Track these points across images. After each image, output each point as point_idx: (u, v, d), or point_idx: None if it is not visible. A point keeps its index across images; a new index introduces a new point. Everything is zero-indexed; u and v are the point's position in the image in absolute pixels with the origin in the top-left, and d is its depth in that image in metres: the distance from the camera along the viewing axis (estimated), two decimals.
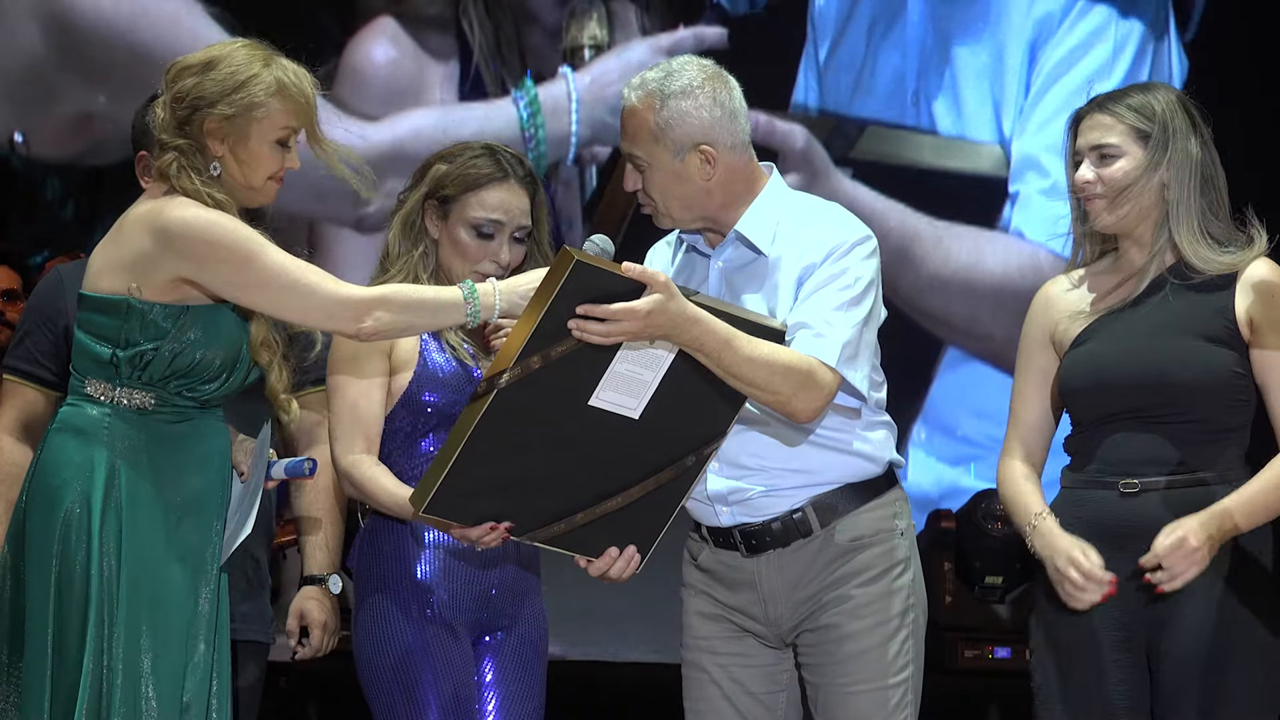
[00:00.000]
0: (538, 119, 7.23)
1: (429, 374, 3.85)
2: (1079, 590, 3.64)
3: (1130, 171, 3.75)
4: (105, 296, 3.48)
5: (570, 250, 3.31)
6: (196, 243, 3.43)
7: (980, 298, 7.33)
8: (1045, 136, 7.37)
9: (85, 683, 3.38)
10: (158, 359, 3.47)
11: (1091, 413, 3.76)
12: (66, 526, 3.43)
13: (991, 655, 6.31)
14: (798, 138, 7.25)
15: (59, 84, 7.01)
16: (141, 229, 3.47)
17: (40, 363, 4.12)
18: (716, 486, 3.71)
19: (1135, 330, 3.74)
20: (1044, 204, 7.39)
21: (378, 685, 3.81)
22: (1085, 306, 3.81)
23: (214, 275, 3.45)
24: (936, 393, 7.34)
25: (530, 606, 3.93)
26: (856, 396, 3.65)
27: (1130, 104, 3.77)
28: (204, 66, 3.50)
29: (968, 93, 7.41)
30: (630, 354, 3.41)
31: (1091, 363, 3.75)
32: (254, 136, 3.50)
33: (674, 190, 3.66)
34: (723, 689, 3.77)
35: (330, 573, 4.10)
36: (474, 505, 3.43)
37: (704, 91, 3.65)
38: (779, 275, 3.67)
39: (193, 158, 3.49)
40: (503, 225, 3.88)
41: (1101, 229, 3.81)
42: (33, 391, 4.13)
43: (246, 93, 3.48)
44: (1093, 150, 3.78)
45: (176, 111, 3.50)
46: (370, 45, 7.21)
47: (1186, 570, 3.58)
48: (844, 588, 3.69)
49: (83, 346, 3.52)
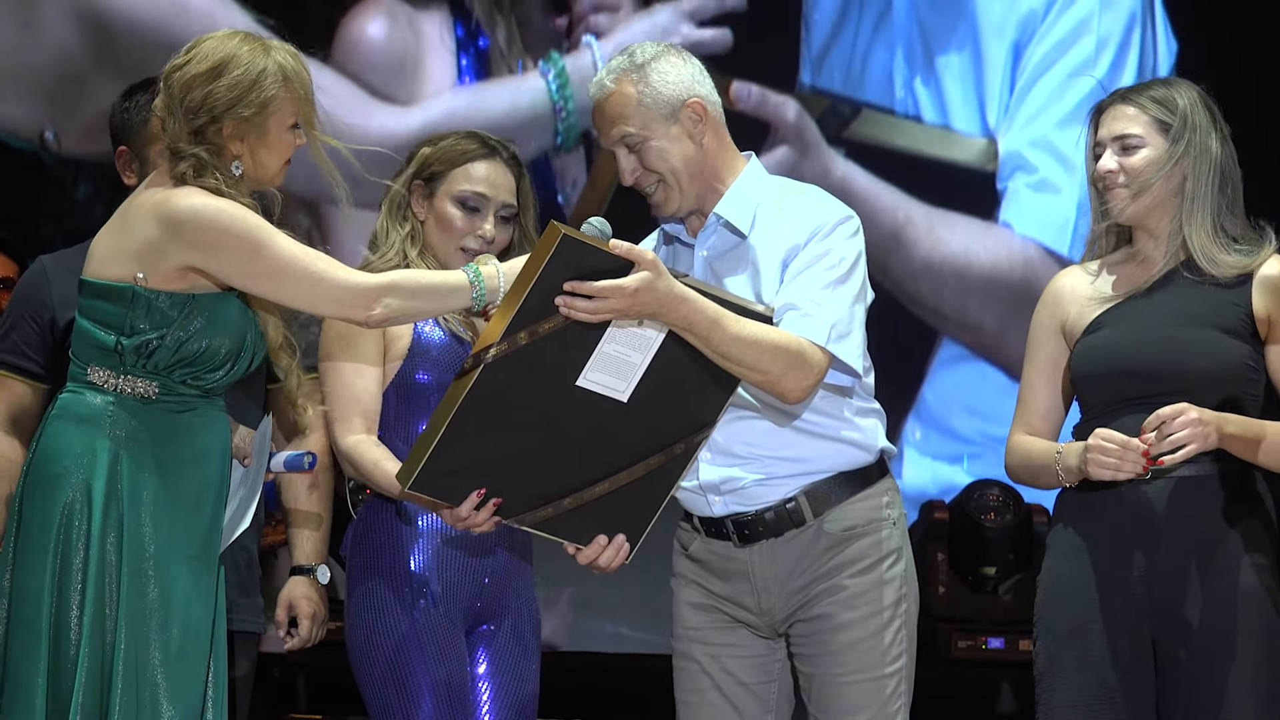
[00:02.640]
0: (566, 90, 7.24)
1: (423, 354, 3.85)
2: (1118, 460, 3.62)
3: (1153, 161, 3.77)
4: (110, 284, 3.47)
5: (557, 225, 3.31)
6: (206, 230, 3.42)
7: (970, 287, 7.34)
8: (1032, 131, 7.39)
9: (81, 677, 3.36)
10: (163, 348, 3.46)
11: (1103, 398, 3.77)
12: (67, 516, 3.42)
13: (985, 646, 6.31)
14: (790, 109, 7.23)
15: (93, 81, 6.99)
16: (148, 217, 3.47)
17: (28, 355, 4.10)
18: (709, 476, 3.70)
19: (1150, 318, 3.75)
20: (1032, 198, 7.40)
21: (371, 675, 3.80)
22: (1098, 295, 3.83)
23: (223, 263, 3.45)
24: (932, 392, 7.34)
25: (523, 596, 3.93)
26: (849, 373, 3.65)
27: (1154, 96, 3.81)
28: (211, 74, 3.49)
29: (953, 92, 7.41)
30: (619, 334, 3.40)
31: (1105, 349, 3.77)
32: (272, 130, 3.52)
33: (676, 154, 3.68)
34: (714, 679, 3.76)
35: (318, 563, 4.10)
36: (461, 484, 3.42)
37: (670, 53, 3.72)
38: (762, 259, 3.68)
39: (214, 161, 3.49)
40: (488, 200, 3.90)
41: (1121, 219, 3.82)
42: (20, 384, 4.11)
43: (260, 90, 3.49)
44: (1115, 140, 3.80)
45: (192, 122, 3.50)
46: (366, 21, 7.21)
47: (1189, 438, 3.58)
48: (837, 578, 3.69)
49: (85, 333, 3.51)
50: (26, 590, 3.42)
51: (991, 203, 7.40)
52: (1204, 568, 3.68)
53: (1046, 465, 3.78)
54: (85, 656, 3.37)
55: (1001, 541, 6.32)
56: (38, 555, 3.42)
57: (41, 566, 3.41)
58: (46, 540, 3.41)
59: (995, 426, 6.92)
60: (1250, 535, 3.71)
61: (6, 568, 3.46)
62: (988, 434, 7.10)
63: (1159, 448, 3.60)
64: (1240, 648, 3.66)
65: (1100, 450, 3.64)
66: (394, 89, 7.20)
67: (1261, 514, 3.75)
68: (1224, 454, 3.68)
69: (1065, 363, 3.86)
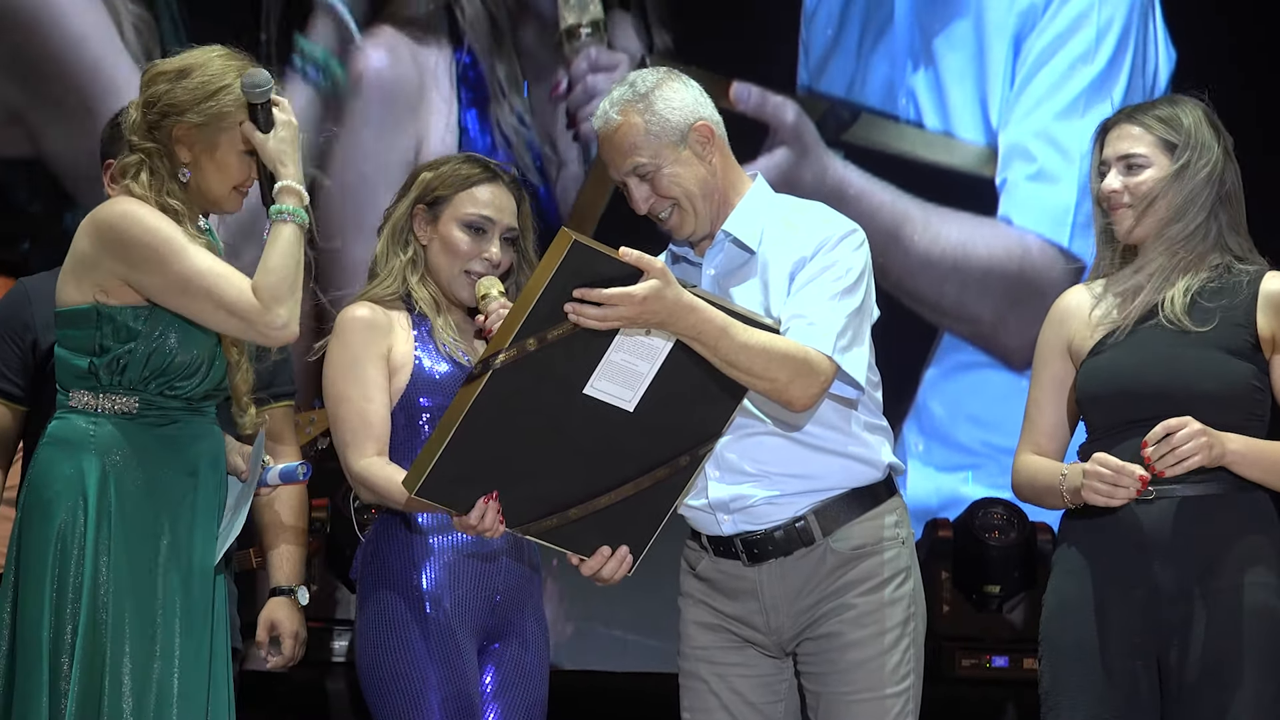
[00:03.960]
0: None
1: (424, 377, 3.84)
2: (1112, 486, 3.63)
3: (1157, 181, 3.78)
4: (74, 309, 3.48)
5: (568, 231, 3.30)
6: (121, 236, 3.43)
7: (969, 280, 7.34)
8: (1031, 123, 7.38)
9: (74, 691, 3.36)
10: (133, 361, 3.46)
11: (1109, 420, 3.77)
12: (62, 539, 3.42)
13: (989, 664, 6.32)
14: (788, 111, 7.23)
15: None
16: (83, 230, 3.49)
17: (6, 377, 4.10)
18: (718, 494, 3.70)
19: (1154, 339, 3.75)
20: (1030, 190, 7.39)
21: (381, 692, 3.79)
22: (1103, 316, 3.83)
23: (141, 276, 3.44)
24: (934, 402, 7.35)
25: (533, 614, 3.92)
26: (853, 386, 3.64)
27: (1159, 115, 3.82)
28: (178, 74, 3.51)
29: (955, 94, 7.43)
30: (626, 343, 3.40)
31: (1111, 370, 3.77)
32: (222, 146, 3.51)
33: (689, 178, 3.68)
34: (721, 699, 3.75)
35: (298, 584, 4.13)
36: (467, 492, 3.41)
37: (672, 79, 3.73)
38: (770, 273, 3.69)
39: (158, 161, 3.50)
40: (494, 222, 3.90)
41: (1125, 239, 3.83)
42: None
43: (217, 103, 3.49)
44: (1120, 160, 3.82)
45: (147, 115, 3.52)
46: (369, 53, 7.18)
47: (1193, 450, 3.59)
48: (845, 596, 3.68)
49: (63, 361, 3.52)
50: (28, 616, 3.42)
51: (990, 205, 7.42)
52: (1208, 587, 3.68)
53: (1051, 487, 3.79)
54: (78, 677, 3.36)
55: (1006, 560, 6.33)
56: (36, 580, 3.43)
57: (40, 591, 3.42)
58: (44, 565, 3.42)
59: (998, 436, 6.96)
60: (1255, 554, 3.70)
61: (8, 596, 3.47)
62: (991, 444, 7.11)
63: (1164, 460, 3.60)
64: (1246, 667, 3.65)
65: (1095, 476, 3.65)
66: (397, 123, 7.17)
67: (1267, 533, 3.74)
68: (1229, 474, 3.68)
69: (1071, 382, 3.86)
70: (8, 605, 3.46)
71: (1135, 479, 3.61)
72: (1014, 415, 4.01)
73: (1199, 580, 3.67)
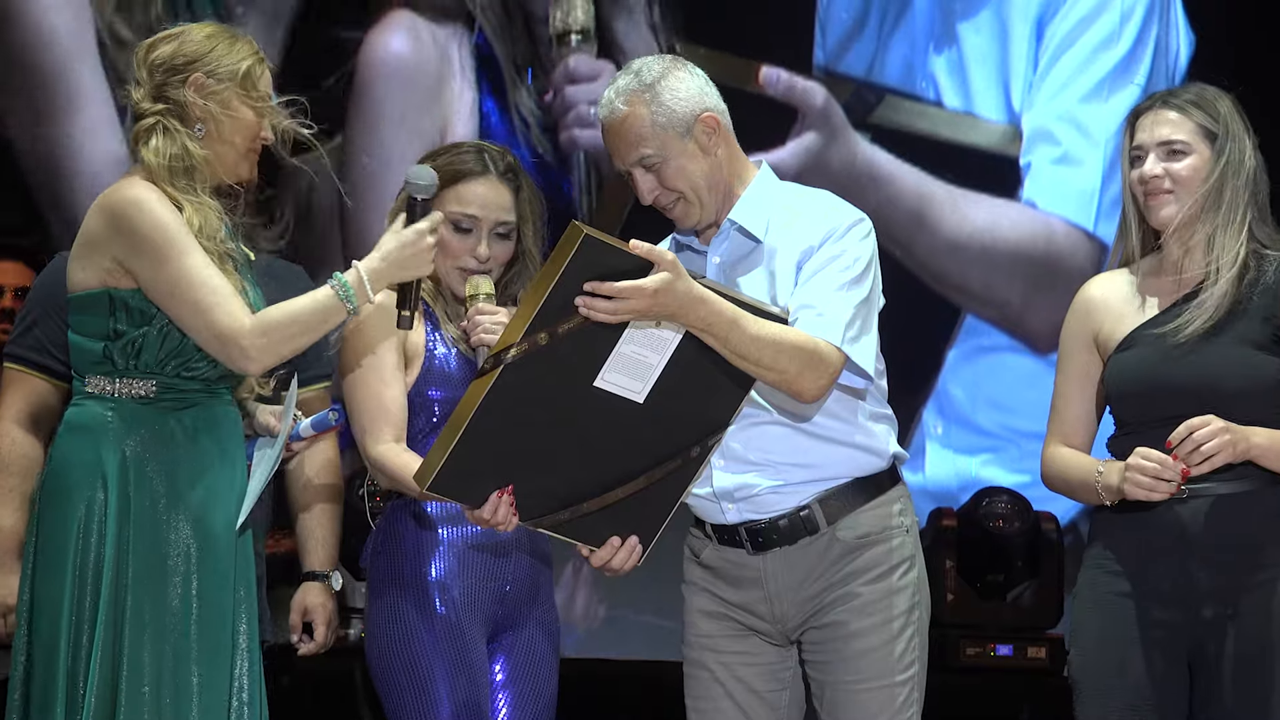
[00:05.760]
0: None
1: (435, 370, 3.85)
2: (1155, 479, 3.62)
3: (1199, 169, 3.76)
4: (85, 293, 3.47)
5: (579, 225, 3.31)
6: (127, 222, 3.41)
7: (996, 263, 7.32)
8: (1055, 107, 7.37)
9: (93, 679, 3.36)
10: (147, 343, 3.45)
11: (1137, 415, 3.76)
12: (83, 528, 3.41)
13: (993, 653, 6.30)
14: (817, 95, 7.21)
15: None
16: (93, 212, 3.47)
17: (50, 353, 4.04)
18: (723, 483, 3.70)
19: (1182, 334, 3.73)
20: (1055, 173, 7.38)
21: (390, 683, 3.80)
22: (1129, 308, 3.82)
23: (135, 264, 3.42)
24: (953, 386, 7.33)
25: (544, 603, 3.93)
26: (862, 376, 3.64)
27: (1194, 101, 3.79)
28: (179, 33, 3.52)
29: (977, 77, 7.41)
30: (636, 335, 3.40)
31: (1140, 366, 3.76)
32: (237, 99, 3.51)
33: (695, 170, 3.67)
34: (725, 687, 3.75)
35: (331, 569, 4.09)
36: (480, 485, 3.42)
37: (677, 68, 3.70)
38: (777, 262, 3.68)
39: (171, 121, 3.48)
40: (479, 220, 3.88)
41: (1161, 225, 3.79)
42: (41, 382, 4.05)
43: (226, 55, 3.50)
44: (1161, 145, 3.78)
45: (154, 78, 3.50)
46: (389, 37, 7.12)
47: (1218, 448, 3.59)
48: (850, 585, 3.68)
49: (77, 347, 3.50)
50: (46, 605, 3.41)
51: (1015, 186, 7.40)
52: (1241, 583, 3.67)
53: (1086, 483, 3.78)
54: (97, 665, 3.36)
55: (1010, 548, 6.30)
56: (56, 569, 3.41)
57: (61, 581, 3.40)
58: (64, 554, 3.41)
59: (1018, 420, 6.95)
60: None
61: (26, 584, 3.45)
62: (1010, 427, 7.08)
63: (1189, 459, 3.60)
64: (1277, 663, 3.65)
65: (1139, 469, 3.64)
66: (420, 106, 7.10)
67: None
68: (1259, 469, 3.68)
69: (1098, 374, 3.85)
70: (25, 593, 3.44)
71: (1179, 471, 3.60)
72: (1033, 399, 3.98)
73: (1231, 576, 3.67)
